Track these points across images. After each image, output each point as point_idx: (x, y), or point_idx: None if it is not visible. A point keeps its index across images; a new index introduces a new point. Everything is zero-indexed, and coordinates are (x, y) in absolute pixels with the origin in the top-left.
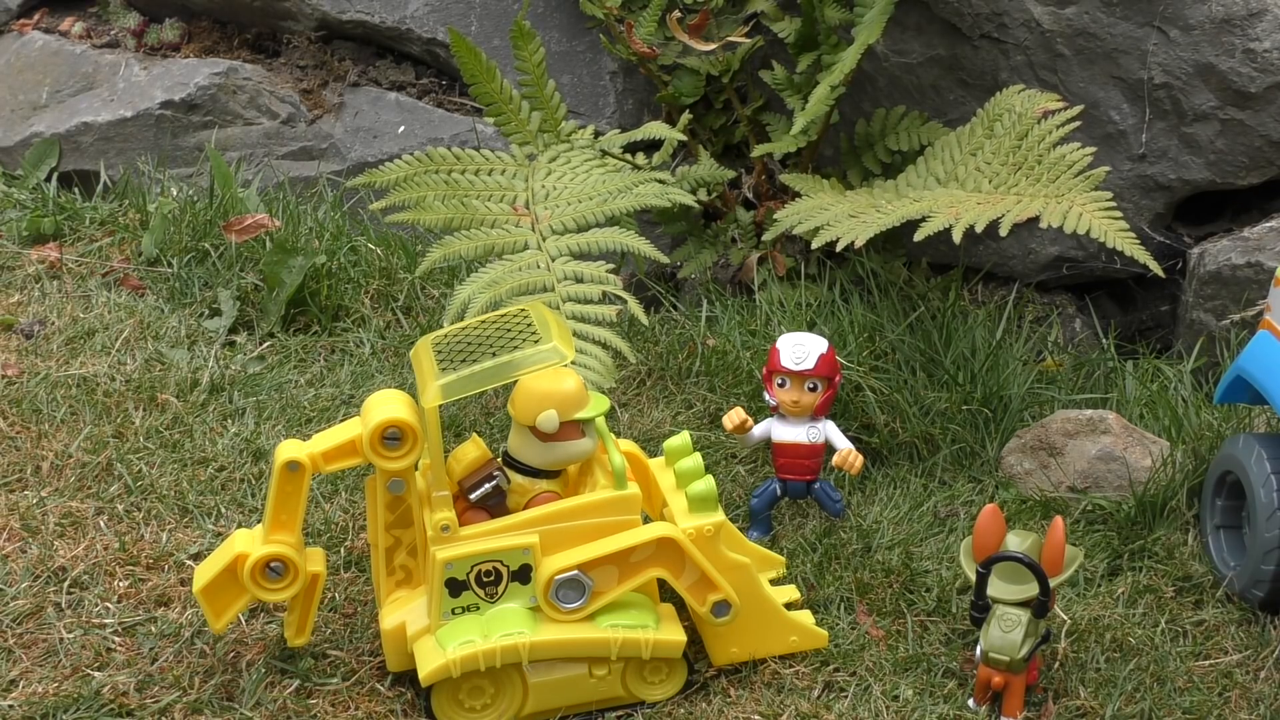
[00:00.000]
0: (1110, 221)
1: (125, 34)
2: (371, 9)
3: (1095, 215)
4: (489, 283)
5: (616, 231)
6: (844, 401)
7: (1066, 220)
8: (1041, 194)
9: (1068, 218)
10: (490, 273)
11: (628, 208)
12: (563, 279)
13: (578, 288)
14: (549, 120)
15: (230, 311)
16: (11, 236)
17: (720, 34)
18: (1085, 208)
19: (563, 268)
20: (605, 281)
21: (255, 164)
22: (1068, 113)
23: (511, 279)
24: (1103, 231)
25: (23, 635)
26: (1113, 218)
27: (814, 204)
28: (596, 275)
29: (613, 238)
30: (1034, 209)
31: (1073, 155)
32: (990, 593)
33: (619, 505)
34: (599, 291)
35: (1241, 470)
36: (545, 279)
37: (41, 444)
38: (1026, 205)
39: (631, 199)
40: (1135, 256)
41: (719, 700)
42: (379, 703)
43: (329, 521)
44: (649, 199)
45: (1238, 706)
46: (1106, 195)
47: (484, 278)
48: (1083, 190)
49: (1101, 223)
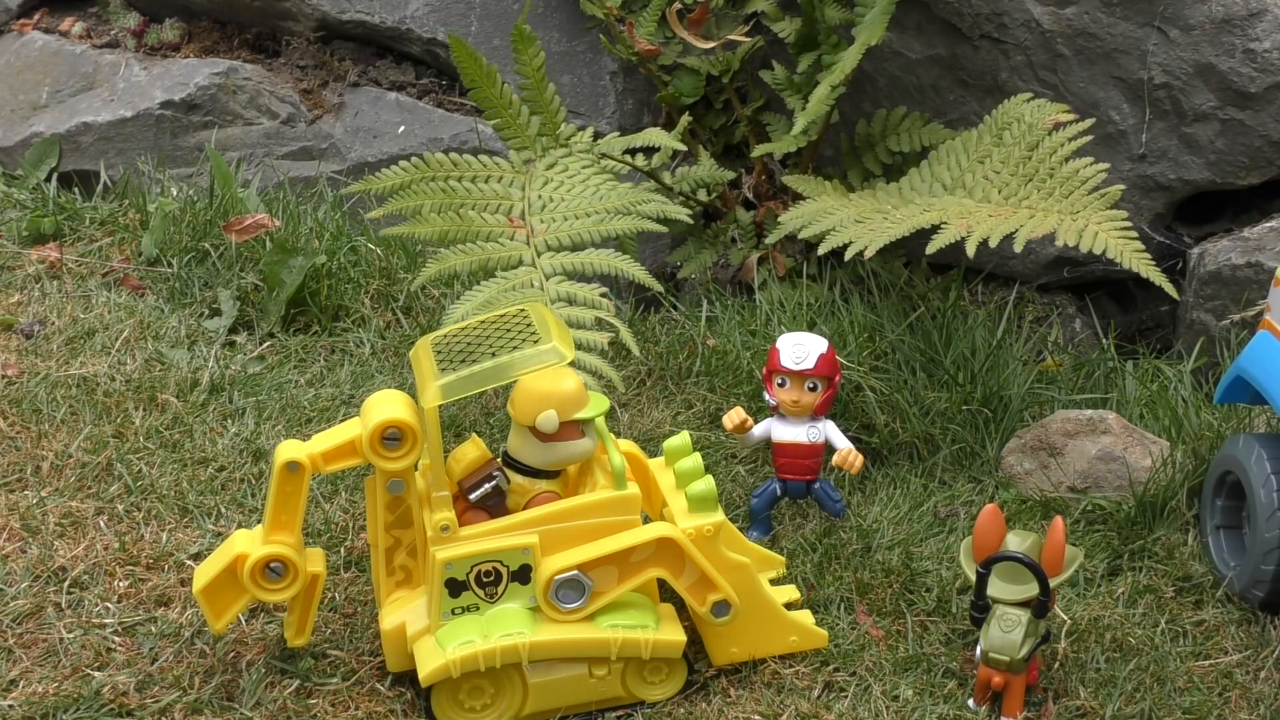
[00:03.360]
0: (1126, 242)
1: (125, 34)
2: (371, 9)
3: (1112, 235)
4: (483, 303)
5: (612, 255)
6: (844, 401)
7: (1083, 239)
8: (1055, 209)
9: (1083, 236)
10: (485, 292)
11: (624, 229)
12: (556, 300)
13: (571, 311)
14: (548, 124)
15: (230, 311)
16: (11, 236)
17: (720, 33)
18: (1101, 226)
19: (556, 288)
20: (598, 306)
21: (255, 164)
22: (1079, 125)
23: (505, 299)
24: (1119, 252)
25: (23, 635)
26: (1129, 238)
27: (818, 207)
28: (590, 299)
29: (608, 262)
30: (1049, 225)
31: (1086, 171)
32: (990, 593)
33: (619, 505)
34: (591, 316)
35: (1241, 470)
36: (539, 299)
37: (41, 444)
38: (1041, 221)
39: (630, 221)
40: (1151, 278)
41: (719, 700)
42: (379, 703)
43: (329, 521)
44: (646, 223)
45: (1238, 706)
46: (1122, 215)
47: (479, 297)
48: (1098, 208)
49: (1118, 243)
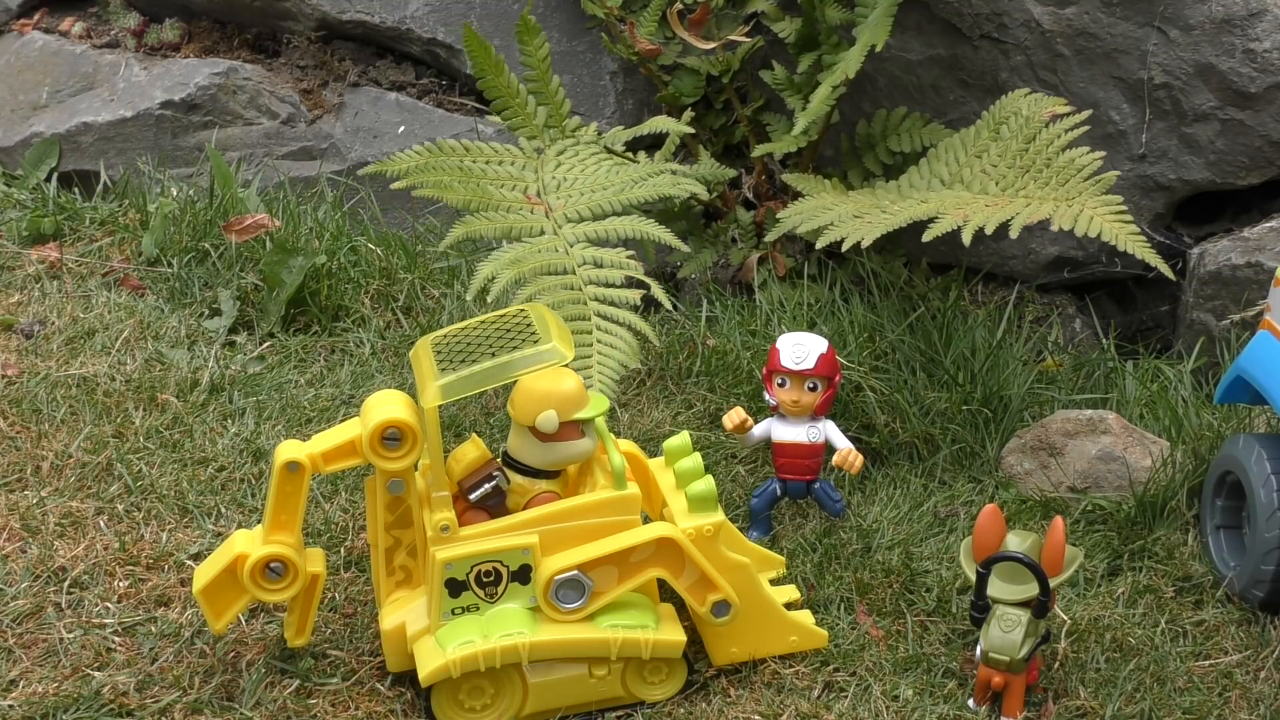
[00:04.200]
0: (1122, 225)
1: (125, 34)
2: (371, 9)
3: (1106, 219)
4: (512, 260)
5: (635, 219)
6: (844, 401)
7: (1078, 224)
8: (1051, 197)
9: (1079, 221)
10: (512, 251)
11: (644, 197)
12: (582, 264)
13: (599, 272)
14: (555, 115)
15: (230, 311)
16: (11, 236)
17: (720, 33)
18: (1096, 211)
19: (582, 253)
20: (626, 266)
21: (255, 164)
22: (1075, 117)
23: (534, 259)
24: (1114, 235)
25: (23, 635)
26: (1124, 221)
27: (817, 204)
28: (617, 261)
29: (631, 225)
30: (1044, 212)
31: (1082, 159)
32: (990, 593)
33: (619, 505)
34: (621, 276)
35: (1241, 470)
36: (565, 262)
37: (41, 444)
38: (1036, 208)
39: (647, 189)
40: (1148, 260)
41: (719, 700)
42: (379, 703)
43: (329, 521)
44: (664, 188)
45: (1238, 707)
46: (1117, 199)
47: (507, 255)
48: (1093, 194)
49: (1113, 226)
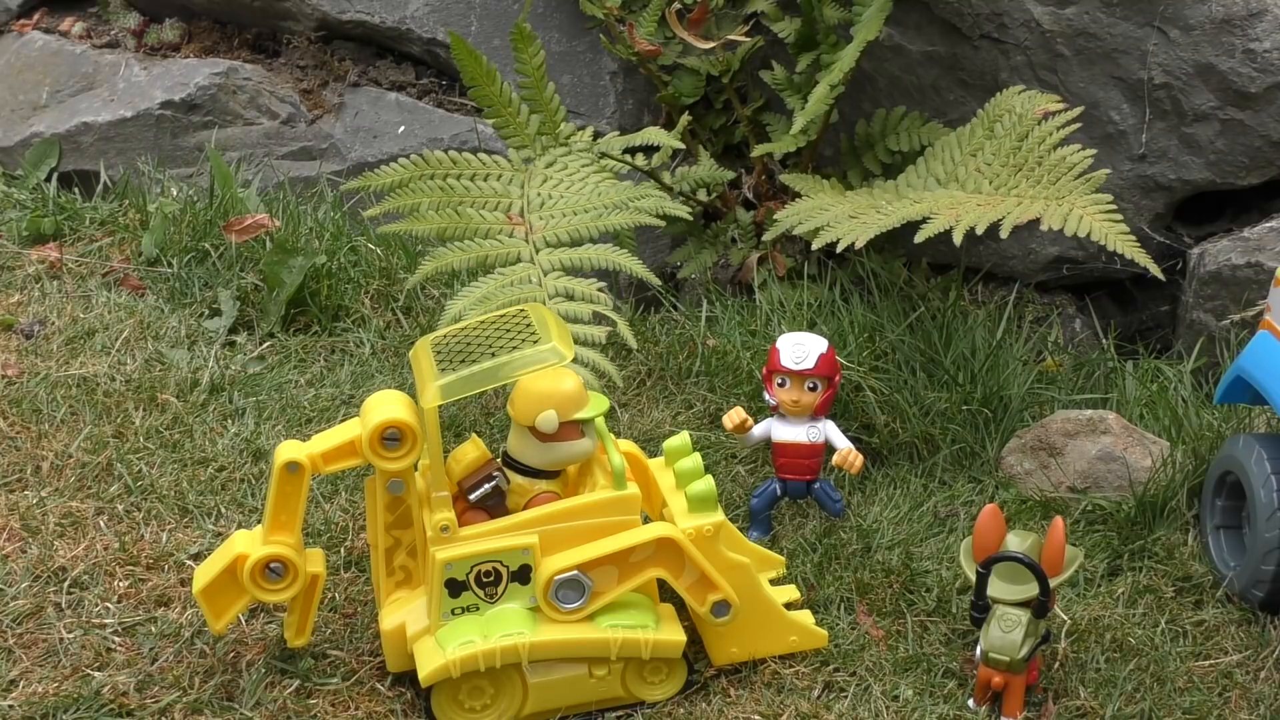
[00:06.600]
0: (1110, 224)
1: (125, 34)
2: (371, 9)
3: (1096, 218)
4: (480, 298)
5: (609, 250)
6: (844, 401)
7: (1067, 223)
8: (1042, 196)
9: (1068, 220)
10: (482, 288)
11: (623, 224)
12: (554, 295)
13: (569, 305)
14: (548, 123)
15: (230, 311)
16: (11, 236)
17: (720, 33)
18: (1086, 210)
19: (554, 283)
20: (596, 301)
21: (255, 164)
22: (1068, 114)
23: (503, 294)
24: (1103, 234)
25: (23, 635)
26: (1113, 220)
27: (814, 204)
28: (588, 294)
29: (606, 256)
30: (1034, 211)
31: (1073, 157)
32: (990, 593)
33: (618, 505)
34: (589, 311)
35: (1241, 470)
36: (537, 294)
37: (41, 444)
38: (1027, 207)
39: (627, 216)
40: (1136, 259)
41: (719, 700)
42: (379, 703)
43: (329, 522)
44: (644, 217)
45: (1238, 707)
46: (1107, 198)
47: (476, 293)
48: (1083, 193)
49: (1102, 225)
